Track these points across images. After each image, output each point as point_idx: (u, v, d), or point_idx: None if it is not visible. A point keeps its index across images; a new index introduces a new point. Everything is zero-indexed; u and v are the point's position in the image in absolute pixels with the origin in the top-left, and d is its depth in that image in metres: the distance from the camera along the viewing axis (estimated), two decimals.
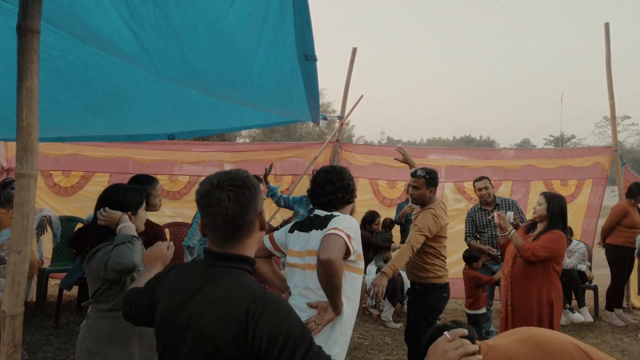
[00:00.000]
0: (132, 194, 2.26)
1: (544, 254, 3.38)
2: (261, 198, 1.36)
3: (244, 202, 1.28)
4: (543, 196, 3.61)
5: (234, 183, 1.29)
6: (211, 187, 1.28)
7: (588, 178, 6.26)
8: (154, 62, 2.11)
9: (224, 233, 1.30)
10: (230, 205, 1.26)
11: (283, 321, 1.18)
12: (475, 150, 7.06)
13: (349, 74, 5.95)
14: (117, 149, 5.87)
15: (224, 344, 1.18)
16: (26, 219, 1.52)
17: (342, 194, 2.31)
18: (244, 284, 1.26)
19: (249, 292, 1.23)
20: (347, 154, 6.27)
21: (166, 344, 1.33)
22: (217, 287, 1.26)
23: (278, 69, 2.24)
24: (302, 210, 4.37)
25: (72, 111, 3.11)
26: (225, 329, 1.19)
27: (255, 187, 1.33)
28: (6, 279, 1.50)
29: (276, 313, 1.18)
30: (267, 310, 1.18)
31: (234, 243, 1.32)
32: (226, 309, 1.20)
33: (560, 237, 3.44)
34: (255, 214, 1.32)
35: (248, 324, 1.16)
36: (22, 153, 1.53)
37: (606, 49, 5.96)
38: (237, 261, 1.31)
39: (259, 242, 1.40)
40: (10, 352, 1.49)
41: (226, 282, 1.26)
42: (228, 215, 1.27)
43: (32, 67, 1.57)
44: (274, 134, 36.40)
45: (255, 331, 1.15)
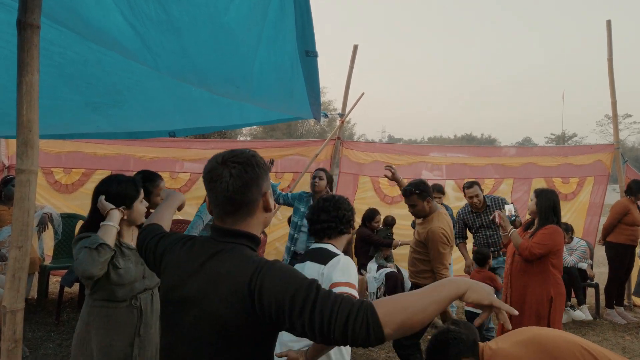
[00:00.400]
0: (126, 186, 2.19)
1: (540, 251, 3.41)
2: (268, 179, 1.35)
3: (246, 179, 1.28)
4: (533, 192, 3.68)
5: (238, 160, 1.29)
6: (216, 164, 1.30)
7: (589, 176, 6.25)
8: (154, 57, 2.11)
9: (224, 209, 1.31)
10: (231, 181, 1.27)
11: (284, 283, 1.16)
12: (476, 148, 7.06)
13: (350, 71, 5.94)
14: (118, 146, 5.87)
15: (230, 320, 1.19)
16: (27, 214, 1.52)
17: (336, 224, 2.31)
18: (245, 258, 1.25)
19: (249, 265, 1.22)
20: (348, 152, 6.27)
21: (170, 318, 1.33)
22: (220, 262, 1.26)
23: (279, 64, 2.24)
24: (302, 207, 4.37)
25: (72, 108, 3.10)
26: (230, 305, 1.19)
27: (260, 166, 1.32)
28: (7, 274, 1.50)
29: (276, 278, 1.18)
30: (267, 278, 1.17)
31: (237, 220, 1.32)
32: (229, 285, 1.21)
33: (555, 232, 3.46)
34: (258, 193, 1.31)
35: (253, 297, 1.17)
36: (22, 148, 1.52)
37: (608, 47, 5.94)
38: (241, 237, 1.31)
39: (264, 224, 1.39)
40: (10, 348, 1.49)
41: (229, 258, 1.27)
42: (229, 191, 1.27)
43: (32, 63, 1.56)
44: (275, 132, 36.41)
45: (262, 301, 1.15)
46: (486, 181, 6.34)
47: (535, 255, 3.40)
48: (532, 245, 3.43)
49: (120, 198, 2.16)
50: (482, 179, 6.35)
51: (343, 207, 2.35)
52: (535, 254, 3.40)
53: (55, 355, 3.95)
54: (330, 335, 1.10)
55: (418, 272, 3.57)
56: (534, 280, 3.51)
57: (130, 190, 2.19)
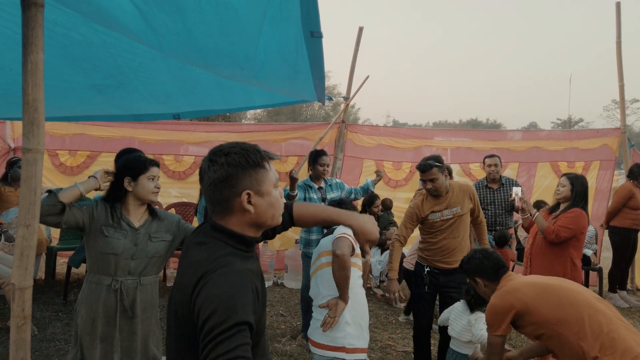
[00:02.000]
0: (134, 158, 2.36)
1: (566, 234, 3.51)
2: (248, 178, 1.25)
3: (214, 178, 1.24)
4: (566, 178, 3.77)
5: (213, 157, 1.26)
6: (204, 159, 1.30)
7: (595, 160, 6.21)
8: (158, 38, 2.10)
9: (207, 205, 1.31)
10: (205, 177, 1.27)
11: (215, 298, 1.10)
12: (481, 132, 7.03)
13: (355, 53, 5.89)
14: (123, 128, 5.88)
15: (183, 310, 1.21)
16: (33, 193, 1.53)
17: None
18: (212, 255, 1.21)
19: (210, 262, 1.18)
20: (353, 135, 6.25)
21: None
22: (196, 253, 1.26)
23: (283, 45, 2.22)
24: (315, 195, 4.36)
25: (77, 90, 3.10)
26: (183, 297, 1.21)
27: (235, 164, 1.23)
28: (15, 252, 1.52)
29: (217, 286, 1.12)
30: (210, 283, 1.13)
31: (217, 215, 1.30)
32: (189, 275, 1.21)
33: (581, 215, 3.56)
34: (230, 192, 1.24)
35: (193, 294, 1.15)
36: (28, 128, 1.53)
37: (617, 29, 5.85)
38: (221, 233, 1.27)
39: (253, 223, 1.29)
40: (20, 324, 1.52)
41: (203, 250, 1.25)
42: (204, 186, 1.28)
43: (36, 41, 1.56)
44: (279, 117, 36.30)
45: (196, 302, 1.14)
46: None
47: (561, 239, 3.50)
48: (558, 229, 3.51)
49: (125, 168, 2.31)
50: None
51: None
52: (561, 237, 3.49)
53: (63, 334, 4.02)
54: None
55: (453, 252, 3.43)
56: (553, 263, 3.62)
57: (137, 163, 2.31)
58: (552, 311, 2.27)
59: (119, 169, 2.33)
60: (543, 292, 2.36)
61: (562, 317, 2.23)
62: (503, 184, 4.91)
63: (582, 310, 2.20)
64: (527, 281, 2.49)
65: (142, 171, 2.30)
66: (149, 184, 2.32)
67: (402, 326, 4.81)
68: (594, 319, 2.16)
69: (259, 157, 1.28)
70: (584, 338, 2.15)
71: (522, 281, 2.48)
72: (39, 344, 3.80)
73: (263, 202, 1.28)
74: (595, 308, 2.20)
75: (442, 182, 3.37)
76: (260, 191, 1.27)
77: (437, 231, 3.45)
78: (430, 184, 3.37)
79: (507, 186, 4.87)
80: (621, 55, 5.93)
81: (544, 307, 2.30)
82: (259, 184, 1.26)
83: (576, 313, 2.21)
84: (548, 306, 2.29)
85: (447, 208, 3.41)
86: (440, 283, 3.45)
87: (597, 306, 2.22)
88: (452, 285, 3.42)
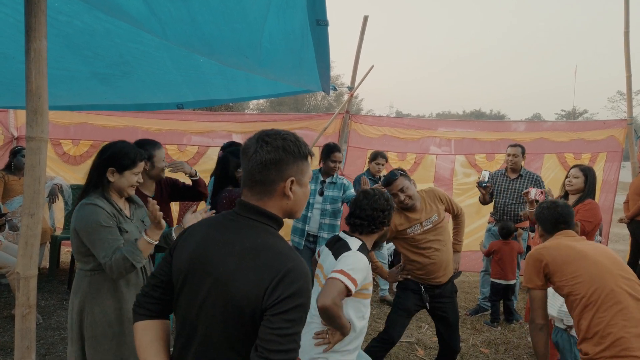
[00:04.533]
0: (127, 151, 2.26)
1: (589, 228, 3.56)
2: (296, 166, 1.32)
3: (267, 159, 1.28)
4: (578, 169, 3.79)
5: (268, 139, 1.30)
6: (253, 137, 1.32)
7: (602, 152, 6.16)
8: (162, 25, 2.07)
9: (246, 183, 1.33)
10: (254, 157, 1.28)
11: (303, 291, 1.21)
12: (485, 123, 6.95)
13: (360, 43, 5.82)
14: (126, 118, 5.86)
15: (248, 299, 1.20)
16: (37, 182, 1.52)
17: (369, 223, 2.37)
18: (271, 243, 1.27)
19: (284, 255, 1.24)
20: (357, 126, 6.22)
21: (186, 288, 1.33)
22: (245, 239, 1.28)
23: (288, 33, 2.19)
24: (312, 185, 4.33)
25: (80, 78, 3.08)
26: (251, 284, 1.21)
27: (288, 151, 1.30)
28: (19, 241, 1.51)
29: (299, 281, 1.21)
30: (294, 277, 1.20)
31: (254, 197, 1.33)
32: (255, 264, 1.22)
33: (596, 207, 3.63)
34: (278, 176, 1.30)
35: (273, 281, 1.19)
36: (31, 116, 1.52)
37: (625, 19, 5.77)
38: (261, 215, 1.32)
39: (284, 211, 1.36)
40: (25, 313, 1.52)
41: (255, 235, 1.28)
42: (249, 165, 1.30)
43: (39, 28, 1.54)
44: (282, 107, 36.21)
45: (275, 289, 1.18)
46: (497, 156, 6.28)
47: (585, 232, 3.50)
48: (583, 223, 3.51)
49: (114, 158, 2.23)
50: (492, 154, 6.29)
51: (379, 207, 2.38)
52: (586, 231, 3.51)
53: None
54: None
55: (447, 265, 3.26)
56: None
57: (127, 158, 2.24)
58: (573, 284, 2.27)
59: (107, 157, 2.23)
60: (575, 260, 2.32)
61: (578, 292, 2.24)
62: (521, 176, 4.85)
63: (599, 295, 2.18)
64: (570, 245, 2.43)
65: (130, 167, 2.25)
66: (132, 179, 2.27)
67: None
68: (605, 310, 2.15)
69: (307, 151, 1.37)
70: (585, 319, 2.19)
71: (567, 244, 2.44)
72: (43, 333, 3.82)
73: (300, 192, 1.36)
74: (615, 301, 2.16)
75: (413, 190, 3.16)
76: (302, 181, 1.35)
77: (425, 247, 3.17)
78: (403, 194, 3.11)
79: (525, 178, 4.82)
80: (629, 46, 5.85)
81: (565, 276, 2.30)
82: (302, 175, 1.35)
83: (592, 296, 2.19)
84: (569, 277, 2.29)
85: (426, 218, 3.19)
86: (435, 294, 3.25)
87: (618, 298, 2.16)
88: (445, 295, 3.26)
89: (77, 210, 2.14)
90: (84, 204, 2.13)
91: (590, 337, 2.16)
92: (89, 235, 2.08)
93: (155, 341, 1.38)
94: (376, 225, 2.38)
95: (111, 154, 2.23)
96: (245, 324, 1.21)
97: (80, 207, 2.13)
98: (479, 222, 6.17)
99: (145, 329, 1.40)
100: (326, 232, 4.21)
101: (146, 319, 1.41)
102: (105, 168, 2.21)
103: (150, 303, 1.42)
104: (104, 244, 2.07)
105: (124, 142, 2.31)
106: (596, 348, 2.11)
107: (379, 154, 5.10)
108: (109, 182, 2.22)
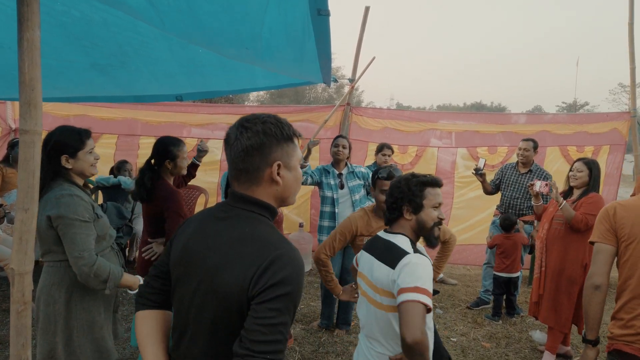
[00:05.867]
0: (68, 135, 2.21)
1: (593, 222, 3.45)
2: (281, 150, 1.25)
3: (247, 145, 1.22)
4: (582, 163, 3.76)
5: (247, 124, 1.24)
6: (233, 125, 1.27)
7: (605, 144, 6.12)
8: (160, 15, 2.02)
9: (231, 173, 1.28)
10: (235, 144, 1.24)
11: (292, 279, 1.16)
12: (486, 115, 6.88)
13: (361, 34, 5.76)
14: (125, 110, 5.82)
15: (234, 290, 1.16)
16: (32, 176, 1.48)
17: (390, 211, 2.04)
18: (260, 232, 1.22)
19: (274, 242, 1.19)
20: (358, 118, 6.18)
21: (180, 280, 1.31)
22: (233, 229, 1.24)
23: (289, 24, 2.14)
24: (333, 180, 4.25)
25: (78, 69, 3.04)
26: (237, 274, 1.16)
27: (270, 134, 1.23)
28: (14, 237, 1.47)
29: (288, 268, 1.16)
30: (282, 263, 1.15)
31: (242, 186, 1.27)
32: (241, 254, 1.18)
33: (601, 199, 3.58)
34: (262, 161, 1.24)
35: (259, 270, 1.14)
36: (25, 108, 1.47)
37: (629, 10, 5.69)
38: (251, 204, 1.26)
39: (276, 198, 1.30)
40: (20, 310, 1.49)
41: (244, 225, 1.23)
42: (231, 154, 1.25)
43: (32, 18, 1.49)
44: (282, 99, 36.10)
45: (261, 278, 1.13)
46: (499, 149, 6.24)
47: (589, 226, 3.46)
48: (587, 217, 3.49)
49: (61, 146, 2.17)
50: (494, 147, 6.25)
51: (396, 191, 2.04)
52: (590, 225, 3.46)
53: None
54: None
55: None
56: (572, 247, 3.63)
57: (73, 141, 2.19)
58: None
59: (52, 146, 2.15)
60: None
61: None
62: (531, 171, 4.81)
63: None
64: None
65: (80, 147, 2.20)
66: (89, 158, 2.23)
67: None
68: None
69: (292, 132, 1.29)
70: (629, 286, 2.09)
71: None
72: None
73: (290, 176, 1.29)
74: None
75: None
76: (289, 165, 1.28)
77: None
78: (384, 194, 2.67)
79: (534, 174, 4.78)
80: (633, 38, 5.79)
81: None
82: (289, 157, 1.28)
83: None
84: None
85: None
86: None
87: None
88: None
89: (57, 200, 2.06)
90: (65, 195, 2.08)
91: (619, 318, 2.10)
92: (67, 228, 2.04)
93: (154, 331, 1.36)
94: (397, 210, 2.02)
95: (56, 141, 2.16)
96: (232, 316, 1.17)
97: (60, 198, 2.07)
98: (481, 215, 6.15)
99: (145, 319, 1.38)
100: None
101: (146, 309, 1.39)
102: (57, 157, 2.16)
103: (151, 293, 1.40)
104: (81, 239, 2.05)
105: (63, 127, 2.25)
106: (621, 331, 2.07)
107: (385, 145, 5.07)
108: (66, 169, 2.17)
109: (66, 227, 2.05)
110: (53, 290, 2.13)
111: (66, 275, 2.14)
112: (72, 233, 2.05)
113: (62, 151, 2.16)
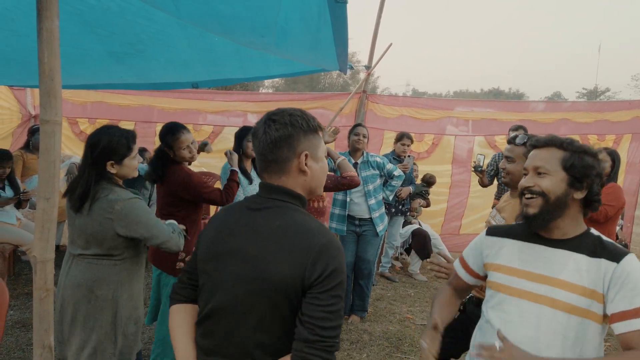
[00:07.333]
0: (118, 141, 2.13)
1: (612, 212, 3.49)
2: (308, 140, 1.30)
3: (275, 137, 1.27)
4: (605, 153, 3.67)
5: (274, 117, 1.29)
6: (261, 120, 1.32)
7: (627, 133, 5.97)
8: (175, 3, 2.02)
9: (260, 165, 1.33)
10: (263, 137, 1.28)
11: (340, 270, 1.22)
12: (504, 103, 6.75)
13: (378, 19, 5.65)
14: (142, 97, 5.85)
15: (281, 279, 1.19)
16: (52, 165, 1.51)
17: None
18: (299, 221, 1.26)
19: (317, 232, 1.23)
20: (374, 106, 6.11)
21: (214, 271, 1.31)
22: (272, 219, 1.27)
23: (305, 12, 2.12)
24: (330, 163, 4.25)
25: (95, 57, 3.06)
26: (283, 263, 1.20)
27: (297, 126, 1.28)
28: (36, 225, 1.50)
29: (337, 259, 1.22)
30: (331, 254, 1.20)
31: (272, 177, 1.32)
32: (287, 244, 1.22)
33: (619, 189, 3.55)
34: (290, 152, 1.28)
35: (310, 259, 1.19)
36: (45, 98, 1.49)
37: None
38: (284, 194, 1.30)
39: (305, 188, 1.34)
40: (43, 296, 1.52)
41: (282, 214, 1.27)
42: (260, 147, 1.30)
43: (51, 7, 1.50)
44: (297, 85, 35.93)
45: (315, 266, 1.18)
46: None
47: (608, 218, 3.46)
48: (606, 208, 3.44)
49: (109, 153, 2.11)
50: None
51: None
52: (609, 216, 3.45)
53: None
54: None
55: None
56: None
57: (121, 147, 2.14)
58: None
59: (100, 151, 2.10)
60: None
61: None
62: None
63: None
64: None
65: (127, 154, 2.17)
66: (133, 163, 2.21)
67: (420, 299, 4.81)
68: None
69: (317, 124, 1.35)
70: None
71: None
72: None
73: (317, 167, 1.34)
74: None
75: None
76: (316, 155, 1.34)
77: None
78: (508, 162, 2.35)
79: None
80: None
81: None
82: (315, 149, 1.33)
83: None
84: None
85: None
86: None
87: None
88: None
89: (126, 206, 2.05)
90: (131, 199, 2.09)
91: None
92: (144, 230, 2.09)
93: (185, 323, 1.41)
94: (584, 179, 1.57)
95: (104, 148, 2.10)
96: (278, 304, 1.21)
97: (127, 203, 2.07)
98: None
99: (177, 312, 1.44)
100: (377, 211, 4.15)
101: (179, 303, 1.45)
102: (103, 163, 2.11)
103: (183, 288, 1.46)
104: (158, 230, 2.15)
105: (110, 129, 2.18)
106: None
107: (405, 135, 5.03)
108: (110, 173, 2.14)
109: (144, 230, 2.09)
110: (96, 286, 2.08)
111: (111, 273, 2.11)
112: (153, 232, 2.12)
113: (109, 157, 2.12)
